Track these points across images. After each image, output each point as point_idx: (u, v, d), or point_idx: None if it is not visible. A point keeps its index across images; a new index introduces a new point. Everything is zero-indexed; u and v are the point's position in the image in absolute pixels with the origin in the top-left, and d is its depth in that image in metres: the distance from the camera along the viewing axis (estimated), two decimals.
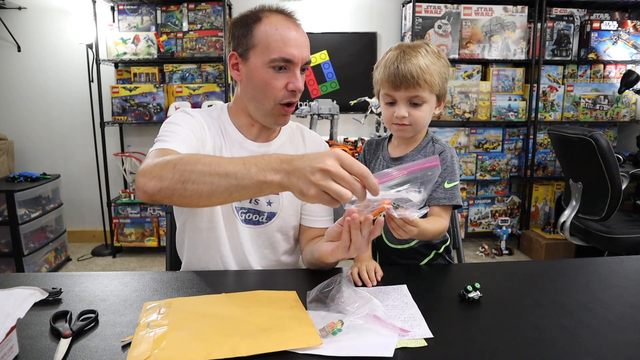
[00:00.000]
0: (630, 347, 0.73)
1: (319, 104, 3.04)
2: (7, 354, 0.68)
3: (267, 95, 1.07)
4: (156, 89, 3.24)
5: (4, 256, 2.81)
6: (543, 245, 3.23)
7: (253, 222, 1.16)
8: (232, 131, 1.16)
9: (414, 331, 0.77)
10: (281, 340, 0.72)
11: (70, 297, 0.92)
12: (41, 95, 3.46)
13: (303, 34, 1.09)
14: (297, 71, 1.07)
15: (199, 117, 1.12)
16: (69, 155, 3.55)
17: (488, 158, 3.47)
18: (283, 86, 1.06)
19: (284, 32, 1.04)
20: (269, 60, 1.04)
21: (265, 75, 1.05)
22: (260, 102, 1.09)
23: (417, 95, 1.06)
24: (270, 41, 1.04)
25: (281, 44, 1.03)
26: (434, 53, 1.09)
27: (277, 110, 1.09)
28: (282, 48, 1.03)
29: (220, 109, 1.19)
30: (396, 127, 1.11)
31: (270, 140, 1.19)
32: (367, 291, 0.87)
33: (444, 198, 1.09)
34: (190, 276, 1.02)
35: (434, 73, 1.06)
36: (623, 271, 1.05)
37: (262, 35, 1.05)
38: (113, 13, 3.35)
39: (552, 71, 3.48)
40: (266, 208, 1.16)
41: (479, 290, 0.89)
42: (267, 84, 1.06)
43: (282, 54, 1.03)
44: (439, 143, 1.15)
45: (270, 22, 1.05)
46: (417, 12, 3.25)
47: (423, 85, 1.05)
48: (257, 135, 1.17)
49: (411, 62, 1.05)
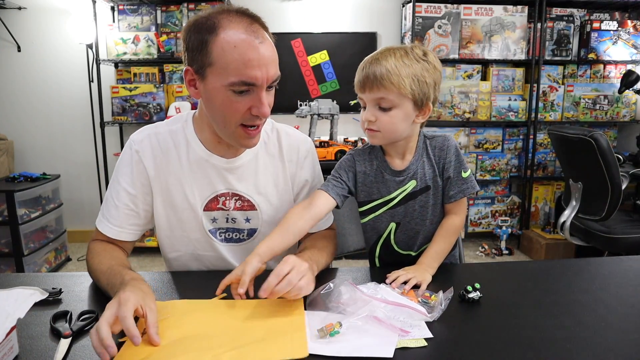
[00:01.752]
0: (630, 347, 0.73)
1: (319, 104, 3.04)
2: (7, 354, 0.68)
3: (228, 120, 0.96)
4: (156, 89, 3.24)
5: (4, 256, 2.81)
6: (543, 245, 3.23)
7: (234, 240, 1.13)
8: (198, 147, 1.07)
9: (413, 332, 0.77)
10: (265, 353, 0.71)
11: (70, 297, 0.92)
12: (41, 96, 3.45)
13: (269, 47, 0.93)
14: (261, 94, 0.93)
15: (145, 158, 1.06)
16: (69, 155, 3.55)
17: (488, 158, 3.47)
18: (245, 110, 0.94)
19: (243, 51, 0.89)
20: (228, 83, 0.91)
21: (224, 99, 0.93)
22: (221, 124, 0.98)
23: (382, 98, 0.99)
24: (228, 62, 0.90)
25: (241, 65, 0.89)
26: (416, 56, 1.01)
27: (239, 133, 0.98)
28: (243, 70, 0.90)
29: (185, 121, 1.09)
30: (367, 132, 1.05)
31: (239, 154, 1.08)
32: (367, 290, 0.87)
33: (467, 188, 1.07)
34: (191, 276, 1.02)
35: (404, 75, 0.97)
36: (623, 271, 1.05)
37: (218, 53, 0.90)
38: (113, 13, 3.35)
39: (552, 71, 3.48)
40: (245, 225, 1.11)
41: (479, 291, 0.89)
42: (227, 108, 0.94)
43: (242, 77, 0.90)
44: (434, 138, 1.10)
45: (228, 36, 0.90)
46: (417, 12, 3.25)
47: (388, 87, 0.98)
48: (225, 151, 1.07)
49: (379, 63, 0.99)
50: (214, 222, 1.10)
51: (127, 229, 1.07)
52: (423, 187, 1.08)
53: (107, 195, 1.08)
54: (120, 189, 1.06)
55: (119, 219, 1.06)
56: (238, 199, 1.09)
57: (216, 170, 1.07)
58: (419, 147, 1.09)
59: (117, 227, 1.06)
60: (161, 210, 1.09)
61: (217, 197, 1.08)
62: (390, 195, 1.09)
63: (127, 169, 1.07)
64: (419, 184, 1.08)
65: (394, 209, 1.10)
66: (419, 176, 1.08)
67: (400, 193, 1.08)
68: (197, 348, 0.73)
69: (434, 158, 1.09)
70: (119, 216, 1.06)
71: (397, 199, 1.09)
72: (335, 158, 2.88)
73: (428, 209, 1.09)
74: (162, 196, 1.08)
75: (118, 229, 1.06)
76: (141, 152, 1.06)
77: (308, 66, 3.47)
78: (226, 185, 1.08)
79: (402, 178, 1.08)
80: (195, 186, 1.07)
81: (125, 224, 1.07)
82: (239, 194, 1.09)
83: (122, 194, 1.06)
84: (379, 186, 1.10)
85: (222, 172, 1.08)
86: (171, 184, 1.07)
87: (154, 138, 1.08)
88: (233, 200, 1.09)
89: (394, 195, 1.09)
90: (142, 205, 1.08)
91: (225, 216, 1.10)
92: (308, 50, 3.45)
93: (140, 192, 1.07)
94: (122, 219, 1.06)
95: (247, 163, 1.09)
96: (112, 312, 0.73)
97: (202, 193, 1.08)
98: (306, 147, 1.16)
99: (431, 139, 1.11)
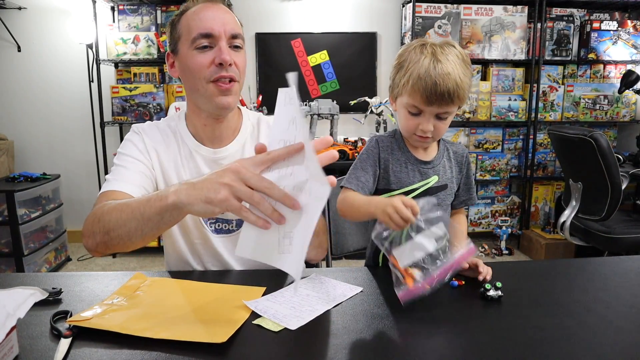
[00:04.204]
0: (630, 347, 0.73)
1: (319, 104, 3.04)
2: (7, 354, 0.68)
3: (197, 77, 1.03)
4: (156, 89, 3.24)
5: (4, 256, 2.81)
6: (543, 245, 3.23)
7: (224, 231, 1.14)
8: (188, 139, 1.13)
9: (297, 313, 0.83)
10: (189, 332, 0.75)
11: (70, 297, 0.92)
12: (41, 95, 3.46)
13: (226, 11, 1.06)
14: (221, 44, 1.02)
15: (148, 140, 1.11)
16: (69, 155, 3.55)
17: (488, 158, 3.47)
18: (209, 62, 1.02)
19: (201, 12, 1.03)
20: (191, 41, 1.02)
21: (191, 59, 1.03)
22: (195, 89, 1.05)
23: (447, 111, 1.02)
24: (190, 25, 1.02)
25: (198, 22, 1.02)
26: (464, 60, 1.02)
27: (211, 91, 1.03)
28: (199, 25, 1.01)
29: (178, 116, 1.17)
30: (417, 138, 1.06)
31: (226, 144, 1.13)
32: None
33: (475, 198, 1.15)
34: (190, 277, 1.02)
35: (467, 87, 1.01)
36: (623, 271, 1.05)
37: (184, 23, 1.04)
38: (113, 13, 3.35)
39: (552, 71, 3.48)
40: (233, 216, 1.09)
41: (500, 290, 0.89)
42: (195, 66, 1.02)
43: (199, 29, 1.01)
44: (453, 144, 1.17)
45: (193, 10, 1.04)
46: (417, 12, 3.25)
47: (456, 102, 1.00)
48: (212, 137, 1.12)
49: (448, 77, 0.97)
50: None
51: (137, 187, 1.03)
52: (442, 185, 1.11)
53: (114, 167, 1.08)
54: (128, 158, 1.08)
55: (131, 177, 1.04)
56: None
57: (204, 161, 1.12)
58: (441, 146, 1.15)
59: (130, 184, 1.02)
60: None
61: None
62: (411, 187, 1.10)
63: (132, 146, 1.11)
64: (440, 180, 1.10)
65: None
66: (440, 172, 1.11)
67: (422, 185, 1.09)
68: (143, 317, 0.80)
69: (454, 161, 1.15)
70: (130, 175, 1.04)
71: (417, 191, 1.09)
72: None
73: (442, 208, 1.11)
74: (161, 179, 1.11)
75: (130, 185, 1.02)
76: (144, 134, 1.13)
77: (308, 66, 3.47)
78: None
79: (427, 168, 1.11)
80: (187, 176, 1.10)
81: (137, 182, 1.04)
82: None
83: (130, 160, 1.08)
84: (401, 176, 1.10)
85: (210, 163, 1.12)
86: (168, 169, 1.11)
87: (154, 127, 1.15)
88: None
89: (415, 187, 1.09)
90: (150, 173, 1.09)
91: None
92: (308, 50, 3.45)
93: (147, 162, 1.09)
94: (135, 177, 1.05)
95: (234, 154, 1.13)
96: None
97: None
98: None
99: (450, 144, 1.16)
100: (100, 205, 0.93)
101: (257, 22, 3.43)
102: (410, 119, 1.04)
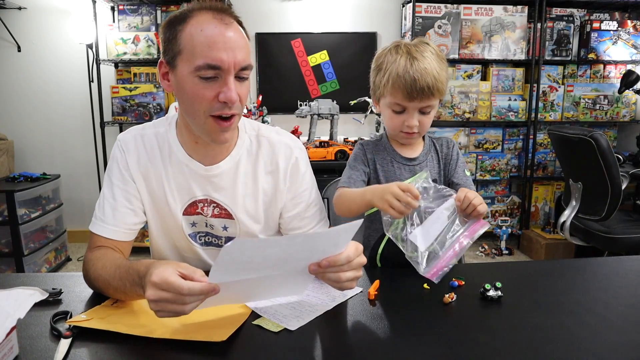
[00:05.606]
0: (630, 347, 0.73)
1: (319, 104, 3.04)
2: (7, 354, 0.68)
3: (196, 109, 0.93)
4: (156, 89, 3.24)
5: (4, 256, 2.81)
6: (543, 245, 3.23)
7: (213, 244, 1.11)
8: (178, 151, 1.05)
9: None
10: (189, 331, 0.76)
11: (70, 297, 0.92)
12: (41, 95, 3.45)
13: (237, 33, 0.92)
14: (229, 79, 0.90)
15: (131, 159, 1.05)
16: (69, 155, 3.55)
17: (488, 158, 3.47)
18: (213, 97, 0.91)
19: (209, 33, 0.89)
20: (195, 67, 0.89)
21: (192, 86, 0.91)
22: (192, 116, 0.95)
23: (429, 105, 1.06)
24: (195, 45, 0.89)
25: (206, 47, 0.88)
26: (438, 55, 1.07)
27: (210, 125, 0.94)
28: (208, 52, 0.88)
29: (169, 123, 1.08)
30: (404, 135, 1.10)
31: (219, 160, 1.05)
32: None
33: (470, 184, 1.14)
34: None
35: (444, 80, 1.05)
36: (623, 271, 1.05)
37: (187, 39, 0.90)
38: (113, 13, 3.35)
39: (552, 71, 3.48)
40: (222, 233, 1.10)
41: (500, 290, 0.90)
42: (195, 96, 0.91)
43: (207, 59, 0.88)
44: (439, 138, 1.19)
45: (196, 22, 0.90)
46: (417, 12, 3.25)
47: (436, 95, 1.05)
48: (204, 155, 1.04)
49: (426, 72, 1.02)
50: (193, 226, 1.10)
51: (122, 228, 1.04)
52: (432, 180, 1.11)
53: (100, 198, 1.06)
54: (112, 187, 1.05)
55: (114, 218, 1.03)
56: (216, 207, 1.08)
57: (195, 176, 1.06)
58: (427, 142, 1.17)
59: (113, 227, 1.03)
60: (147, 211, 1.09)
61: (196, 202, 1.07)
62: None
63: (115, 166, 1.06)
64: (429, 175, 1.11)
65: None
66: (428, 168, 1.13)
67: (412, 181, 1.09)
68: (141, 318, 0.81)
69: (441, 154, 1.17)
70: (113, 215, 1.03)
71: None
72: (335, 158, 2.88)
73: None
74: (147, 196, 1.07)
75: (113, 228, 1.02)
76: (127, 153, 1.06)
77: (308, 66, 3.47)
78: (204, 192, 1.07)
79: (413, 165, 1.13)
80: (176, 190, 1.07)
81: (120, 222, 1.03)
82: (217, 202, 1.07)
83: (114, 191, 1.05)
84: (389, 174, 1.13)
85: (201, 179, 1.06)
86: (155, 185, 1.06)
87: (139, 140, 1.07)
88: (211, 207, 1.08)
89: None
90: (135, 201, 1.06)
91: (204, 221, 1.09)
92: (308, 50, 3.45)
93: (130, 186, 1.06)
94: (118, 218, 1.03)
95: (227, 172, 1.06)
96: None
97: (182, 197, 1.07)
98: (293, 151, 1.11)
99: (436, 139, 1.19)
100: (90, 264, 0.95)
101: (257, 22, 3.42)
102: (395, 117, 1.09)
